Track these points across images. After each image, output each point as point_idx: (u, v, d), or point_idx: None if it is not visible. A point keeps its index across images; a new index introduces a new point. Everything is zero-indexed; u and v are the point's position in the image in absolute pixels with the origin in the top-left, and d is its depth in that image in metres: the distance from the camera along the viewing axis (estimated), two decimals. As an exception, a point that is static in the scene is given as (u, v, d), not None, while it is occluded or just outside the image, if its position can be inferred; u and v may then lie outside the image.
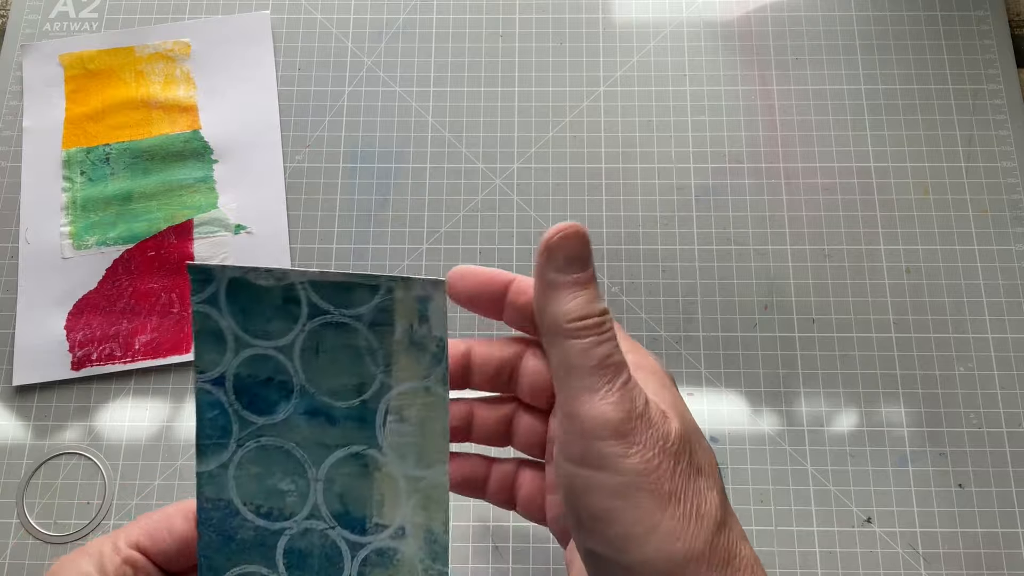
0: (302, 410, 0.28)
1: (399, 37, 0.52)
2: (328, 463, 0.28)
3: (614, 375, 0.24)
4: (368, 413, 0.28)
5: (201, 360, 0.28)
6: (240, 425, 0.28)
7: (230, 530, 0.28)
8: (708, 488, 0.24)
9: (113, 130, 0.49)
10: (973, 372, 0.44)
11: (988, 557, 0.41)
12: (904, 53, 0.51)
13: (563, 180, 0.48)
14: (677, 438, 0.24)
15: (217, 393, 0.28)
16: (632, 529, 0.23)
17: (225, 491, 0.28)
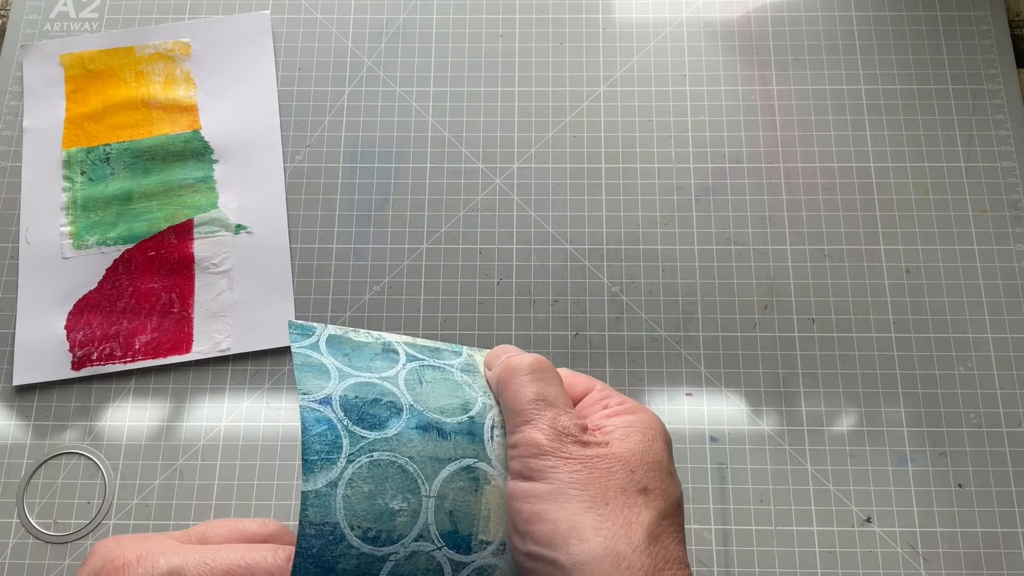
0: (413, 425, 0.28)
1: (399, 37, 0.52)
2: (441, 477, 0.28)
3: (548, 407, 0.28)
4: (476, 427, 0.29)
5: (305, 385, 0.28)
6: (351, 440, 0.27)
7: (331, 560, 0.26)
8: (647, 506, 0.27)
9: (113, 130, 0.49)
10: (973, 372, 0.44)
11: (988, 557, 0.41)
12: (904, 53, 0.51)
13: (563, 180, 0.48)
14: (615, 460, 0.27)
15: (324, 411, 0.28)
16: (558, 526, 0.26)
17: (332, 513, 0.26)
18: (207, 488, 0.43)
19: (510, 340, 0.45)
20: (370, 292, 0.46)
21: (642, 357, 0.45)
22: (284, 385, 0.45)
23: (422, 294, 0.46)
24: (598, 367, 0.45)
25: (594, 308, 0.46)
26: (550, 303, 0.46)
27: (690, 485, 0.42)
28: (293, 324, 0.30)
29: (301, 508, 0.26)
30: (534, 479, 0.27)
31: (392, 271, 0.47)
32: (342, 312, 0.46)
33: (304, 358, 0.29)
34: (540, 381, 0.29)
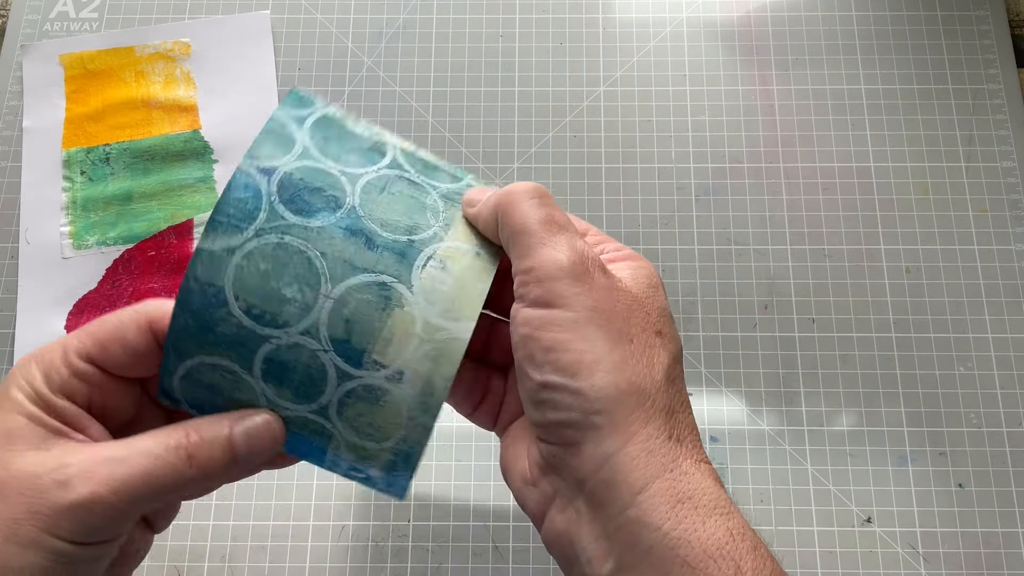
0: (343, 225, 0.27)
1: (399, 37, 0.52)
2: (348, 283, 0.26)
3: (562, 229, 0.27)
4: (411, 252, 0.27)
5: (256, 150, 0.27)
6: (269, 215, 0.26)
7: (210, 320, 0.26)
8: (663, 347, 0.26)
9: (113, 130, 0.49)
10: (973, 372, 0.44)
11: (988, 557, 0.41)
12: (904, 53, 0.51)
13: (563, 180, 0.48)
14: (634, 298, 0.26)
15: (258, 180, 0.27)
16: (583, 356, 0.25)
17: (219, 277, 0.26)
18: (207, 488, 0.43)
19: (510, 340, 0.45)
20: (370, 292, 0.46)
21: (642, 357, 0.45)
22: (284, 385, 0.45)
23: (422, 294, 0.46)
24: (598, 367, 0.45)
25: (594, 308, 0.46)
26: (550, 303, 0.46)
27: (690, 485, 0.42)
28: (296, 91, 0.28)
29: (191, 261, 0.26)
30: (555, 305, 0.25)
31: (392, 271, 0.47)
32: (342, 312, 0.46)
33: (277, 125, 0.28)
34: (549, 205, 0.27)
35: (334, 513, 0.42)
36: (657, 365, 0.25)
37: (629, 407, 0.24)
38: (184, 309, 0.26)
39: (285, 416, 0.27)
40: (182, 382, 0.27)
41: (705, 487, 0.24)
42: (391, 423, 0.27)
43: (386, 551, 0.41)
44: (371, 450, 0.27)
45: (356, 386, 0.27)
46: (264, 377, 0.27)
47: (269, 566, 0.41)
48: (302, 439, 0.27)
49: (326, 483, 0.43)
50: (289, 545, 0.42)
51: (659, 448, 0.24)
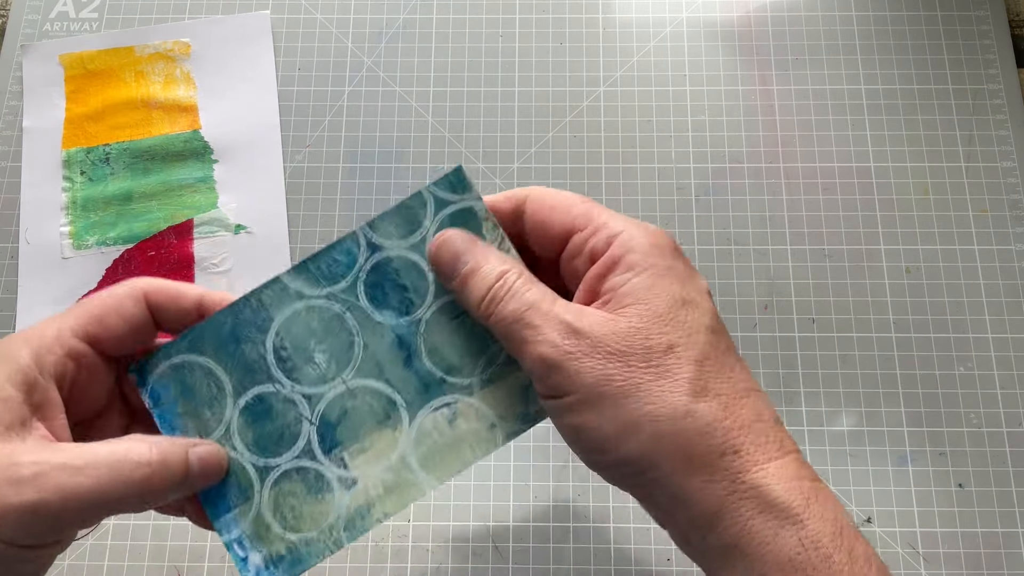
0: (399, 332, 0.28)
1: (399, 37, 0.52)
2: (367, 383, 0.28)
3: (530, 319, 0.26)
4: (436, 390, 0.28)
5: (381, 221, 0.28)
6: (348, 288, 0.28)
7: (243, 335, 0.28)
8: (678, 363, 0.25)
9: (113, 130, 0.49)
10: (973, 372, 0.44)
11: (988, 557, 0.41)
12: (904, 53, 0.51)
13: (563, 180, 0.48)
14: (625, 336, 0.25)
15: (362, 252, 0.28)
16: (602, 432, 0.24)
17: (277, 310, 0.28)
18: (207, 488, 0.43)
19: (510, 340, 0.45)
20: (370, 292, 0.46)
21: (642, 357, 0.45)
22: (284, 385, 0.45)
23: (422, 294, 0.46)
24: (598, 367, 0.45)
25: (594, 308, 0.46)
26: (550, 303, 0.46)
27: (690, 485, 0.42)
28: (460, 170, 0.29)
29: (266, 283, 0.28)
30: (559, 394, 0.25)
31: (392, 271, 0.47)
32: (342, 312, 0.46)
33: (417, 203, 0.28)
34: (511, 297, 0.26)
35: (334, 513, 0.42)
36: (674, 392, 0.24)
37: (666, 454, 0.24)
38: (231, 314, 0.28)
39: (229, 457, 0.28)
40: (170, 369, 0.28)
41: (773, 495, 0.24)
42: (312, 520, 0.27)
43: (386, 551, 0.41)
44: (273, 535, 0.27)
45: (312, 467, 0.27)
46: (244, 410, 0.28)
47: (269, 566, 0.41)
48: (222, 487, 0.28)
49: (326, 483, 0.43)
50: (289, 545, 0.41)
51: (712, 478, 0.24)
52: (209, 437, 0.28)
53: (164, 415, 0.28)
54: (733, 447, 0.24)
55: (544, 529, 0.42)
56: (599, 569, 0.41)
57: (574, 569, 0.41)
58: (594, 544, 0.42)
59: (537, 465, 0.43)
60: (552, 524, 0.42)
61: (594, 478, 0.42)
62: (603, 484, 0.42)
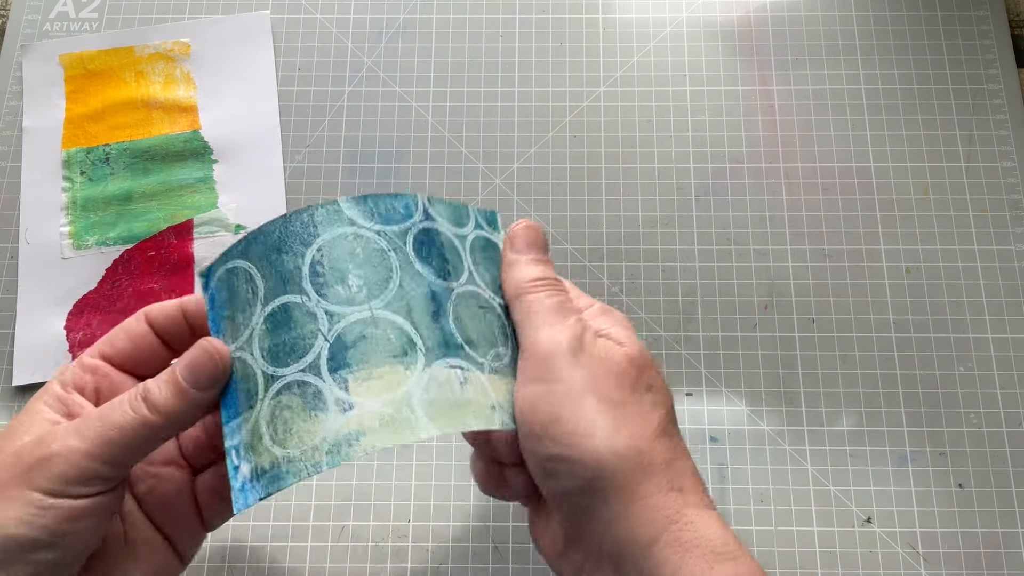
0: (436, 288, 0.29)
1: (399, 37, 0.52)
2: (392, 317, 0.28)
3: (566, 315, 0.29)
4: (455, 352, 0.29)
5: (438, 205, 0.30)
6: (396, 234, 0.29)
7: (286, 246, 0.29)
8: (654, 403, 0.28)
9: (113, 130, 0.49)
10: (973, 372, 0.44)
11: (988, 557, 0.41)
12: (904, 53, 0.51)
13: (563, 180, 0.48)
14: (624, 361, 0.28)
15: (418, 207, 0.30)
16: (579, 426, 0.26)
17: (325, 230, 0.29)
18: (207, 488, 0.43)
19: (510, 340, 0.45)
20: (370, 292, 0.46)
21: (642, 357, 0.45)
22: (284, 385, 0.45)
23: (422, 294, 0.46)
24: (598, 367, 0.45)
25: (594, 308, 0.46)
26: (550, 303, 0.46)
27: (690, 485, 0.42)
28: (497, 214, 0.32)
29: (323, 203, 0.29)
30: (550, 380, 0.27)
31: (392, 271, 0.47)
32: (342, 312, 0.46)
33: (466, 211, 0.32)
34: (562, 295, 0.30)
35: (334, 513, 0.42)
36: (651, 421, 0.27)
37: (628, 468, 0.26)
38: (282, 224, 0.29)
39: (243, 358, 0.28)
40: (225, 273, 0.29)
41: (711, 534, 0.26)
42: (299, 438, 0.26)
43: (386, 551, 0.41)
44: (263, 446, 0.27)
45: (313, 383, 0.27)
46: (269, 316, 0.28)
47: (269, 566, 0.41)
48: (235, 391, 0.28)
49: (326, 483, 0.43)
50: (289, 545, 0.41)
51: (662, 502, 0.26)
52: (236, 342, 0.28)
53: (215, 318, 0.29)
54: (680, 486, 0.26)
55: (544, 529, 0.42)
56: (599, 569, 0.41)
57: (574, 569, 0.41)
58: (594, 544, 0.42)
59: (537, 465, 0.43)
60: (552, 524, 0.42)
61: (594, 478, 0.42)
62: (603, 484, 0.42)
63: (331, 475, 0.43)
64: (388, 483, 0.43)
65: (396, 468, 0.43)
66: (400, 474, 0.43)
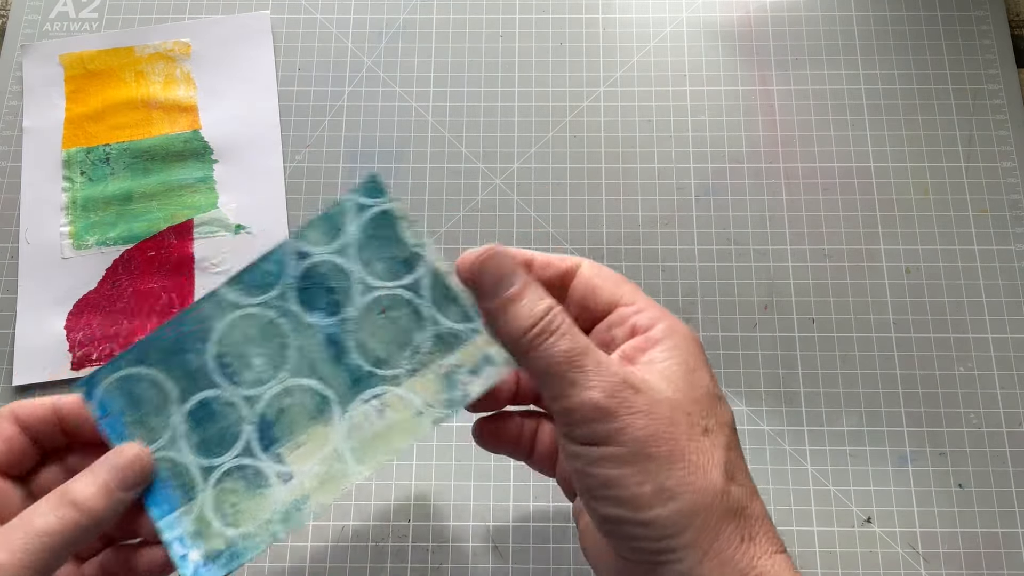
0: (329, 332, 0.30)
1: (399, 37, 0.52)
2: (301, 381, 0.30)
3: (583, 363, 0.26)
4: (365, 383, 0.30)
5: (307, 231, 0.30)
6: (280, 295, 0.30)
7: (186, 346, 0.30)
8: (713, 446, 0.26)
9: (113, 130, 0.49)
10: (973, 372, 0.44)
11: (988, 557, 0.41)
12: (904, 53, 0.51)
13: (563, 180, 0.48)
14: (672, 407, 0.26)
15: (290, 260, 0.30)
16: (641, 489, 0.25)
17: (217, 319, 0.30)
18: (207, 488, 0.43)
19: (510, 340, 0.45)
20: (370, 292, 0.46)
21: (642, 357, 0.45)
22: (284, 385, 0.45)
23: (422, 294, 0.46)
24: (598, 367, 0.45)
25: (594, 308, 0.46)
26: (550, 303, 0.46)
27: (690, 485, 0.42)
28: (374, 177, 0.31)
29: (205, 296, 0.30)
30: (602, 443, 0.25)
31: (392, 271, 0.47)
32: (342, 312, 0.46)
33: (338, 212, 0.31)
34: (565, 334, 0.26)
35: (334, 513, 0.42)
36: (713, 470, 0.25)
37: (697, 526, 0.25)
38: (173, 326, 0.30)
39: (169, 457, 0.29)
40: (116, 382, 0.30)
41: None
42: (251, 515, 0.29)
43: (386, 551, 0.41)
44: (213, 531, 0.29)
45: (251, 465, 0.29)
46: (189, 415, 0.30)
47: (269, 566, 0.41)
48: (166, 488, 0.29)
49: (326, 483, 0.43)
50: (289, 545, 0.41)
51: (733, 555, 0.25)
52: (155, 443, 0.30)
53: (112, 425, 0.30)
54: (750, 534, 0.25)
55: (544, 529, 0.42)
56: (599, 569, 0.41)
57: (574, 569, 0.41)
58: (594, 544, 0.42)
59: (537, 465, 0.43)
60: (552, 524, 0.42)
61: (594, 478, 0.42)
62: (603, 484, 0.42)
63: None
64: (388, 483, 0.43)
65: (396, 468, 0.43)
66: (400, 474, 0.43)
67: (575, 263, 0.30)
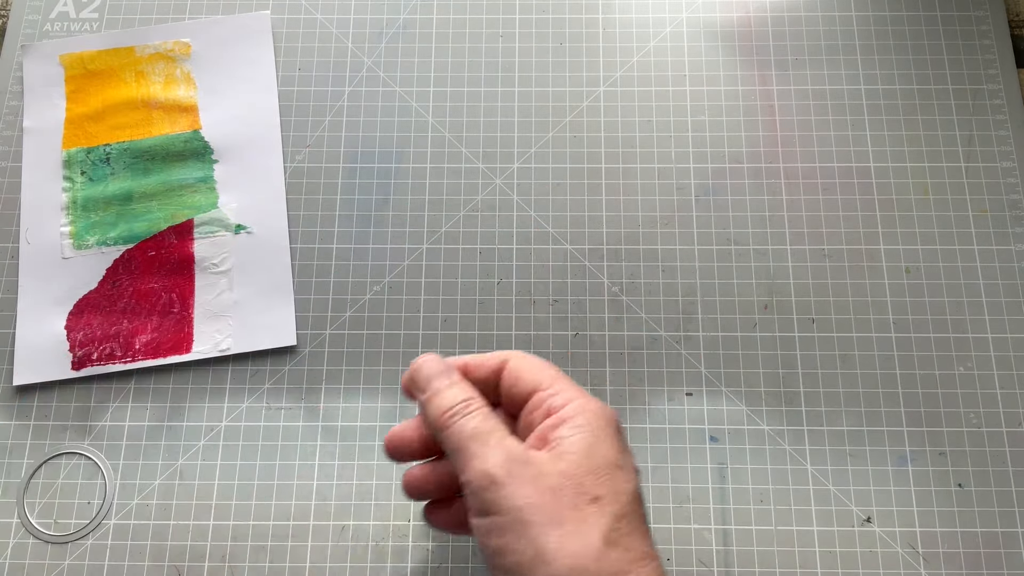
0: None
1: (399, 37, 0.52)
2: None
3: (486, 439, 0.29)
4: None
5: None
6: None
7: None
8: (600, 514, 0.28)
9: (113, 130, 0.49)
10: (973, 372, 0.44)
11: (988, 557, 0.41)
12: (904, 53, 0.51)
13: (563, 180, 0.48)
14: (561, 477, 0.28)
15: None
16: (522, 557, 0.27)
17: None
18: (207, 488, 0.43)
19: (510, 340, 0.45)
20: (370, 292, 0.46)
21: (642, 357, 0.45)
22: (284, 385, 0.45)
23: (422, 294, 0.46)
24: (598, 367, 0.45)
25: (594, 308, 0.46)
26: (550, 303, 0.46)
27: (690, 485, 0.42)
28: None
29: None
30: (490, 512, 0.28)
31: (392, 271, 0.47)
32: (342, 312, 0.46)
33: None
34: (476, 416, 0.30)
35: (334, 513, 0.42)
36: (593, 537, 0.27)
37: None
38: None
39: None
40: None
41: None
42: None
43: (386, 551, 0.41)
44: None
45: None
46: None
47: (269, 566, 0.41)
48: None
49: (326, 483, 0.43)
50: (289, 545, 0.42)
51: None
52: None
53: None
54: None
55: (544, 529, 0.42)
56: (599, 569, 0.41)
57: (574, 569, 0.41)
58: (594, 544, 0.42)
59: (537, 465, 0.43)
60: (552, 524, 0.42)
61: (594, 478, 0.42)
62: (603, 484, 0.42)
63: (331, 475, 0.43)
64: (388, 483, 0.43)
65: (396, 468, 0.43)
66: (401, 474, 0.43)
67: (504, 358, 0.33)
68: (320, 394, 0.45)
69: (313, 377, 0.45)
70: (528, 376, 0.32)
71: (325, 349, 0.45)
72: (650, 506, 0.42)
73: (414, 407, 0.44)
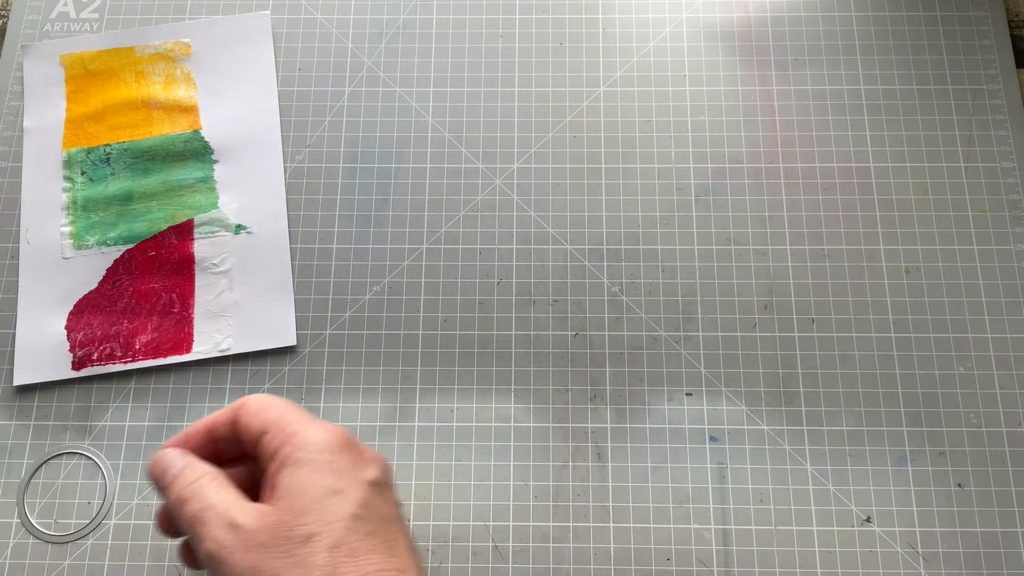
0: None
1: (399, 37, 0.52)
2: None
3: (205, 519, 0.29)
4: None
5: None
6: None
7: None
8: (313, 551, 0.27)
9: (114, 130, 0.49)
10: (973, 372, 0.44)
11: (988, 557, 0.41)
12: (904, 53, 0.51)
13: (563, 180, 0.48)
14: (268, 529, 0.28)
15: None
16: None
17: None
18: (207, 488, 0.43)
19: (510, 340, 0.45)
20: (370, 292, 0.46)
21: (642, 357, 0.45)
22: (284, 385, 0.45)
23: (422, 294, 0.46)
24: (598, 367, 0.45)
25: (594, 308, 0.46)
26: (550, 303, 0.46)
27: (690, 485, 0.43)
28: None
29: None
30: None
31: (392, 271, 0.47)
32: (342, 312, 0.46)
33: None
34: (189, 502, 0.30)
35: (334, 513, 0.42)
36: (312, 572, 0.27)
37: None
38: None
39: None
40: None
41: None
42: None
43: (386, 551, 0.41)
44: None
45: None
46: None
47: (269, 566, 0.41)
48: None
49: (326, 483, 0.43)
50: (289, 545, 0.41)
51: None
52: None
53: None
54: None
55: (544, 529, 0.42)
56: (599, 569, 0.41)
57: (574, 569, 0.41)
58: (594, 544, 0.42)
59: (537, 465, 0.43)
60: (552, 524, 0.42)
61: (595, 478, 0.43)
62: (603, 484, 0.42)
63: (331, 475, 0.43)
64: (388, 483, 0.43)
65: (396, 468, 0.43)
66: (401, 474, 0.43)
67: (237, 406, 0.32)
68: (320, 394, 0.45)
69: (313, 377, 0.45)
70: (254, 422, 0.31)
71: (325, 349, 0.45)
72: (650, 506, 0.42)
73: (412, 422, 0.44)
